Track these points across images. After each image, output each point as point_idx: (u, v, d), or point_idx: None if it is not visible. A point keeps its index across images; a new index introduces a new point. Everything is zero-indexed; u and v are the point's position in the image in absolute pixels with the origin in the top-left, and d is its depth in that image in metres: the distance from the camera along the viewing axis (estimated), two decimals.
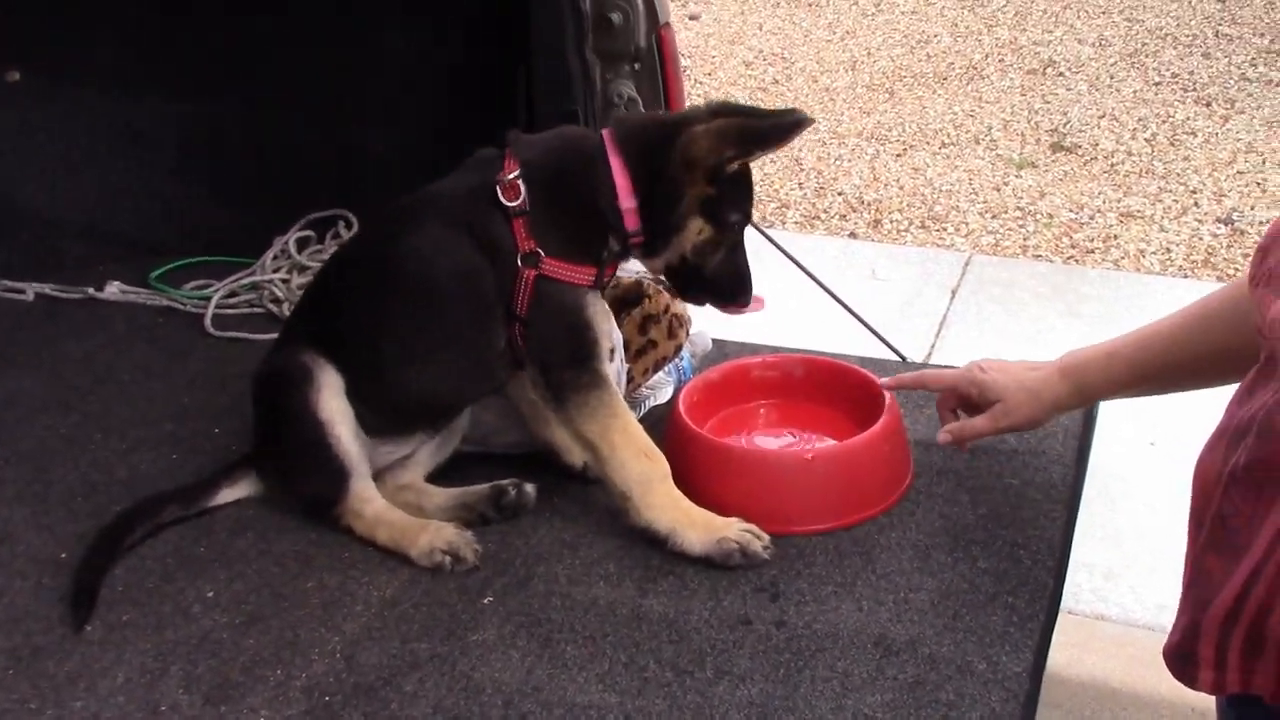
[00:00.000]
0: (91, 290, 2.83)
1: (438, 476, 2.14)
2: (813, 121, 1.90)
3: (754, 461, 1.97)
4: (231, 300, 2.77)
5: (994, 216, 5.91)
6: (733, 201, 1.92)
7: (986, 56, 7.81)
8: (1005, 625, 1.74)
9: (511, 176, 1.88)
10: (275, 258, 2.86)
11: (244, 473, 2.07)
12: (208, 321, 2.68)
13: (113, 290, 2.82)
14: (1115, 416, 2.78)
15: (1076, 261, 5.52)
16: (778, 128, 1.87)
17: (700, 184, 1.88)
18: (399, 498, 2.04)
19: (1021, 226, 5.81)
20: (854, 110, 7.12)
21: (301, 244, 2.92)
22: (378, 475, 2.05)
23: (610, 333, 1.96)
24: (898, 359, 2.50)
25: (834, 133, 6.84)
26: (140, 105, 2.95)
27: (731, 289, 2.00)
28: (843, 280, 5.27)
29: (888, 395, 2.05)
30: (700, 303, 2.05)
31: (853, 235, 5.84)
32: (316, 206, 2.96)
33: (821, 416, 2.16)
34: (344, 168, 2.92)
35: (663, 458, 1.91)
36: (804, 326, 3.24)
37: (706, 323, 2.74)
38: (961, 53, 7.90)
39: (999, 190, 6.14)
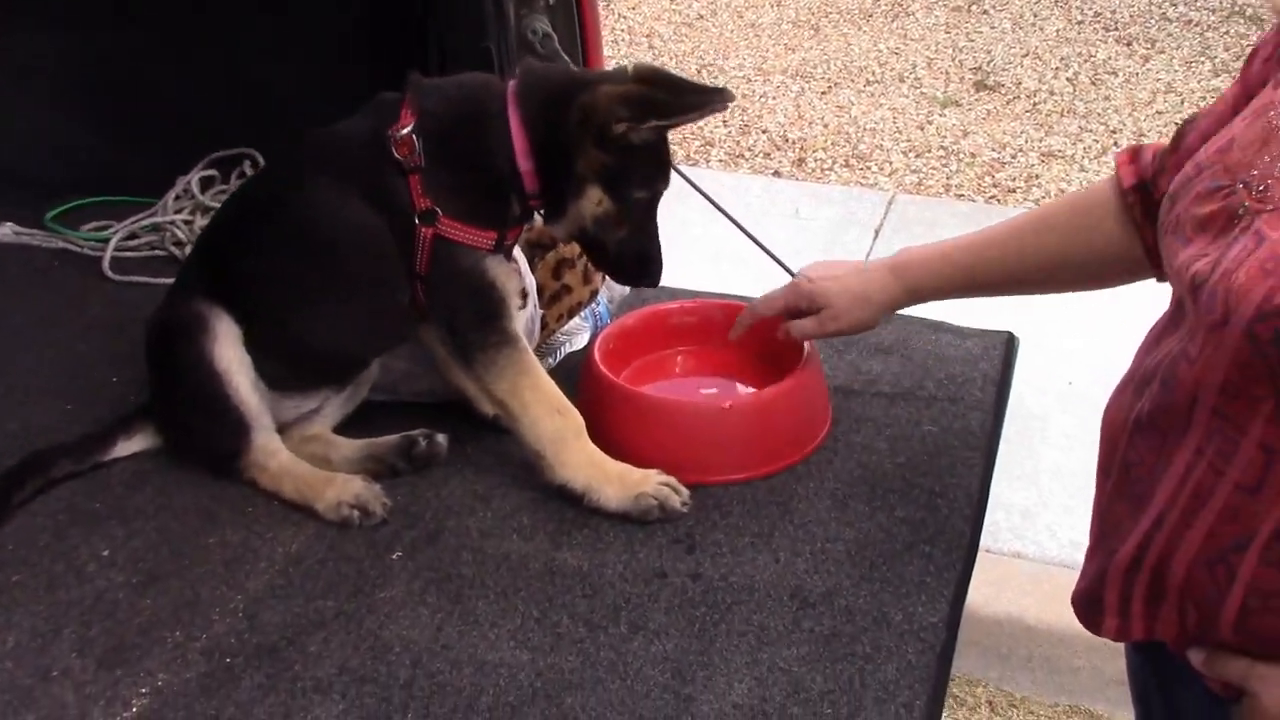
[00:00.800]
0: None
1: (346, 426, 2.08)
2: (726, 106, 1.80)
3: (670, 411, 1.93)
4: (131, 243, 2.66)
5: (918, 155, 5.90)
6: (636, 177, 1.82)
7: None
8: (922, 575, 1.72)
9: (405, 131, 1.78)
10: (178, 198, 2.74)
11: (141, 425, 1.99)
12: (106, 265, 2.57)
13: (5, 231, 2.69)
14: (1034, 357, 2.78)
15: (998, 201, 5.54)
16: (679, 104, 1.77)
17: (591, 149, 1.79)
18: (305, 449, 1.97)
19: (945, 166, 5.81)
20: (779, 47, 7.05)
21: (206, 184, 2.81)
22: (283, 427, 1.98)
23: (519, 285, 1.90)
24: None
25: (759, 69, 6.77)
26: (27, 37, 2.80)
27: (635, 268, 1.92)
28: (766, 220, 5.25)
29: (807, 342, 2.02)
30: (605, 272, 1.99)
31: (776, 174, 5.80)
32: (221, 145, 2.85)
33: (740, 363, 2.12)
34: (249, 105, 2.80)
35: (576, 413, 1.86)
36: (725, 269, 3.19)
37: None
38: None
39: (923, 129, 6.12)
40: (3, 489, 1.86)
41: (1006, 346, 2.27)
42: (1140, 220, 1.65)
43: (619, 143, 1.77)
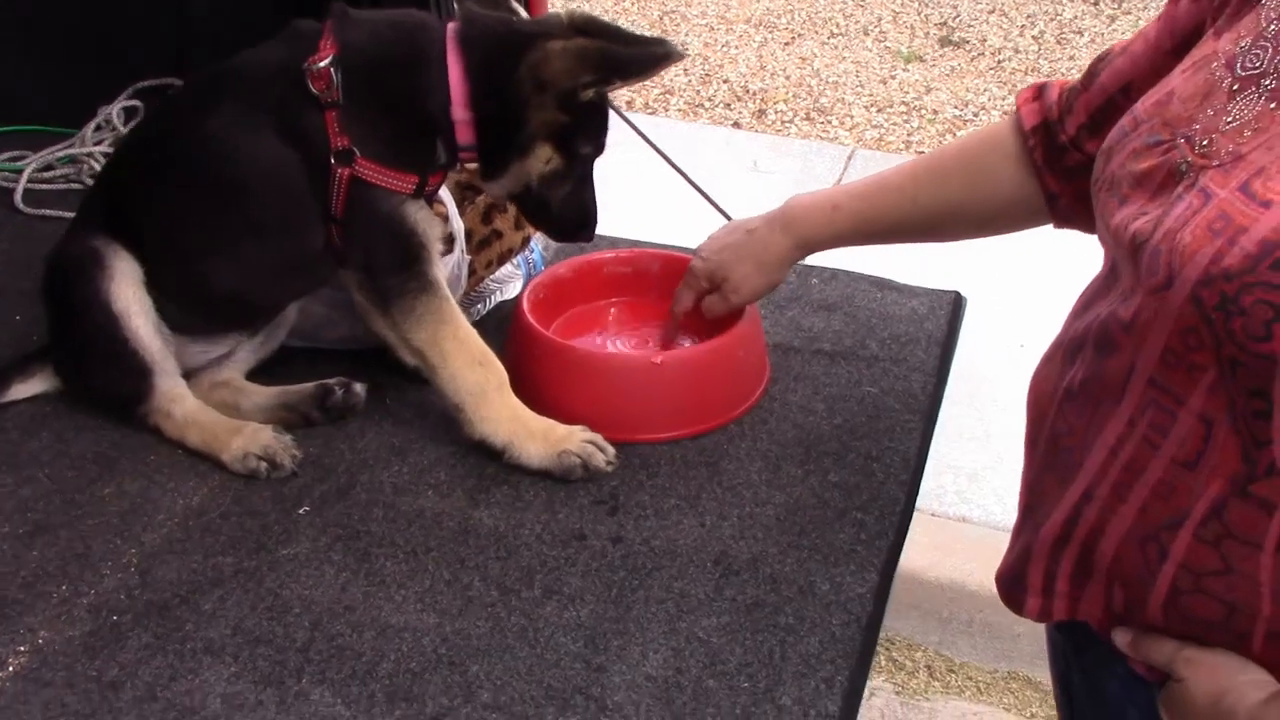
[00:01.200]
0: None
1: (260, 373, 1.97)
2: (682, 57, 1.72)
3: (598, 365, 1.84)
4: (47, 174, 2.53)
5: (879, 110, 5.81)
6: (587, 132, 1.75)
7: None
8: (852, 543, 1.65)
9: (324, 63, 1.66)
10: (97, 129, 2.61)
11: (40, 366, 1.89)
12: (18, 197, 2.44)
13: None
14: (984, 318, 2.71)
15: None
16: (642, 58, 1.68)
17: (550, 109, 1.70)
18: (214, 396, 1.87)
19: (906, 121, 5.73)
20: None
21: (128, 115, 2.68)
22: (191, 373, 1.88)
23: (442, 231, 1.79)
24: None
25: (722, 18, 6.64)
26: None
27: (575, 224, 1.85)
28: (724, 172, 5.16)
29: None
30: (542, 230, 1.91)
31: (736, 125, 5.70)
32: (146, 75, 2.71)
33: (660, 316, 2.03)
34: (174, 34, 2.67)
35: (499, 365, 1.77)
36: (669, 219, 3.09)
37: None
38: None
39: (885, 84, 6.03)
40: None
41: (953, 307, 2.20)
42: (1041, 164, 1.58)
43: (578, 102, 1.69)
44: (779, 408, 1.92)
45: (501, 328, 1.99)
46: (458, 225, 1.97)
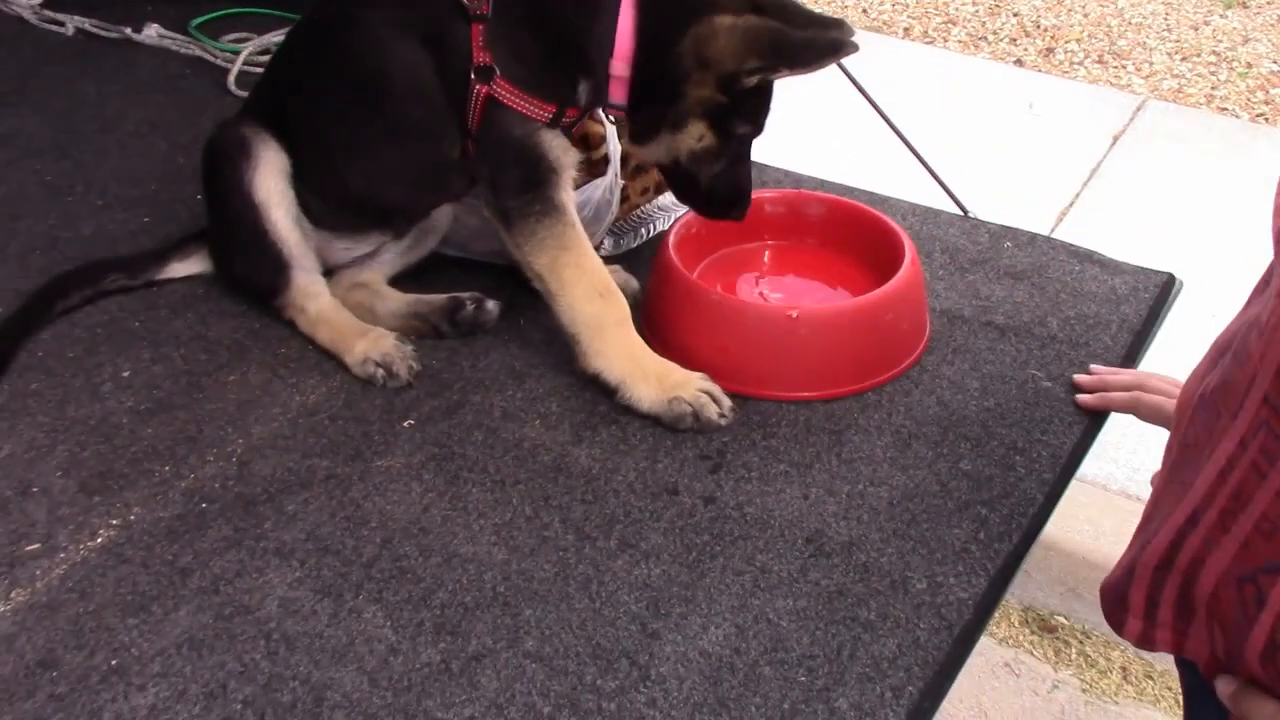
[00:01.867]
0: (129, 31, 2.69)
1: (407, 278, 1.96)
2: (855, 49, 1.56)
3: (727, 311, 1.72)
4: (263, 58, 2.58)
5: (1184, 59, 5.30)
6: (745, 113, 1.64)
7: None
8: (967, 541, 1.49)
9: None
10: None
11: (198, 247, 1.93)
12: (231, 78, 2.51)
13: (150, 33, 2.67)
14: (1198, 301, 2.43)
15: (1266, 120, 4.93)
16: (814, 47, 1.55)
17: (710, 87, 1.59)
18: (352, 296, 1.87)
19: (1213, 74, 5.21)
20: None
21: None
22: (335, 270, 1.89)
23: (577, 159, 1.70)
24: (960, 212, 2.17)
25: None
26: None
27: (725, 203, 1.74)
28: (996, 111, 4.84)
29: (909, 251, 1.77)
30: (689, 205, 1.80)
31: (1019, 62, 5.32)
32: None
33: (835, 265, 1.89)
34: None
35: (621, 300, 1.69)
36: (875, 160, 2.89)
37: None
38: None
39: (1196, 30, 5.50)
40: (47, 296, 1.84)
41: (1162, 290, 1.96)
42: None
43: (740, 86, 1.59)
44: (928, 380, 1.76)
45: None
46: (614, 147, 1.89)
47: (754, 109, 1.65)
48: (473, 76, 1.62)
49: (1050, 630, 3.00)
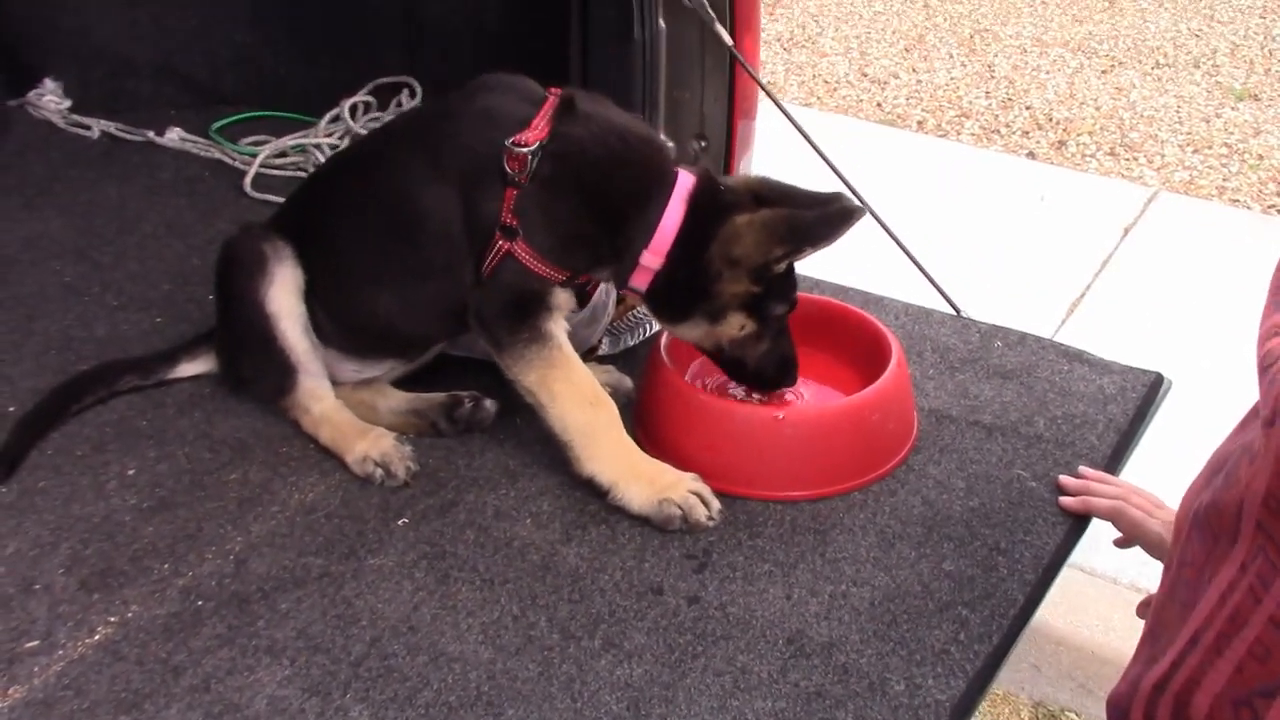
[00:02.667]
0: (152, 134, 2.78)
1: (410, 377, 2.01)
2: (862, 215, 1.64)
3: (715, 413, 1.76)
4: (279, 161, 2.68)
5: (1195, 151, 5.35)
6: (779, 294, 1.71)
7: None
8: (947, 643, 1.51)
9: (527, 150, 1.64)
10: (332, 120, 2.74)
11: (207, 348, 1.99)
12: (248, 181, 2.60)
13: (172, 137, 2.77)
14: (1189, 396, 2.43)
15: (1278, 212, 4.96)
16: (828, 224, 1.62)
17: (744, 282, 1.67)
18: (355, 394, 1.93)
19: (1224, 165, 5.25)
20: (1065, 17, 6.54)
21: (365, 109, 2.80)
22: None
23: (567, 302, 1.76)
24: (952, 311, 2.21)
25: (1037, 40, 6.30)
26: None
27: (775, 378, 1.79)
28: (1008, 202, 4.89)
29: (896, 352, 1.81)
30: (740, 383, 1.84)
31: (1031, 155, 5.38)
32: (385, 70, 2.84)
33: (825, 365, 1.93)
34: (410, 34, 2.77)
35: (610, 404, 1.73)
36: (874, 259, 2.93)
37: None
38: None
39: (1208, 122, 5.55)
40: (62, 396, 1.90)
41: (1150, 390, 1.98)
42: None
43: (772, 274, 1.66)
44: (914, 479, 1.78)
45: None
46: None
47: (786, 288, 1.72)
48: (498, 231, 1.68)
49: None
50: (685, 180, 1.68)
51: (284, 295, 1.82)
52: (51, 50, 2.90)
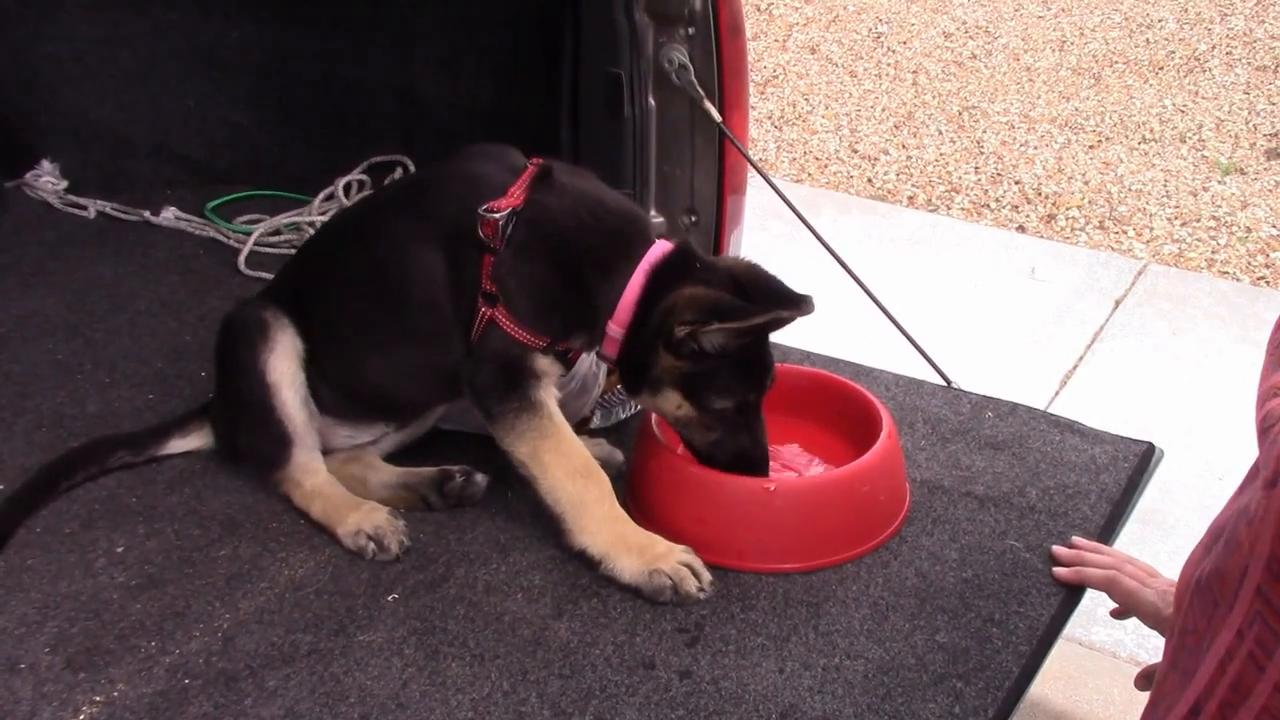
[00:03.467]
0: (148, 214, 2.80)
1: (401, 451, 2.01)
2: (788, 321, 1.65)
3: (706, 485, 1.76)
4: (273, 239, 2.70)
5: (1184, 224, 5.40)
6: (718, 384, 1.68)
7: (1214, 48, 7.14)
8: (941, 716, 1.50)
9: (497, 215, 1.67)
10: (326, 199, 2.76)
11: (198, 424, 1.99)
12: (242, 259, 2.61)
13: (167, 215, 2.79)
14: (1182, 453, 2.43)
15: (1267, 283, 4.99)
16: (743, 310, 1.62)
17: (663, 351, 1.67)
18: (346, 468, 1.92)
19: (1213, 238, 5.29)
20: (1052, 94, 6.62)
21: (359, 187, 2.82)
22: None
23: (556, 372, 1.77)
24: (943, 383, 2.22)
25: (1025, 116, 6.38)
26: (219, 30, 2.89)
27: (733, 468, 1.75)
28: (997, 276, 4.92)
29: (886, 424, 1.81)
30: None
31: (1021, 229, 5.43)
32: (380, 149, 2.86)
33: (816, 437, 1.93)
34: (405, 113, 2.81)
35: (602, 477, 1.73)
36: (865, 331, 2.94)
37: None
38: (1186, 41, 7.24)
39: (1195, 196, 5.60)
40: (52, 474, 1.90)
41: (1142, 459, 1.98)
42: None
43: (689, 348, 1.65)
44: (906, 551, 1.78)
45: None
46: None
47: (729, 383, 1.68)
48: (480, 299, 1.70)
49: None
50: (655, 252, 1.70)
51: (285, 363, 1.83)
52: (48, 131, 2.93)
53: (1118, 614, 1.67)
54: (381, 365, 1.85)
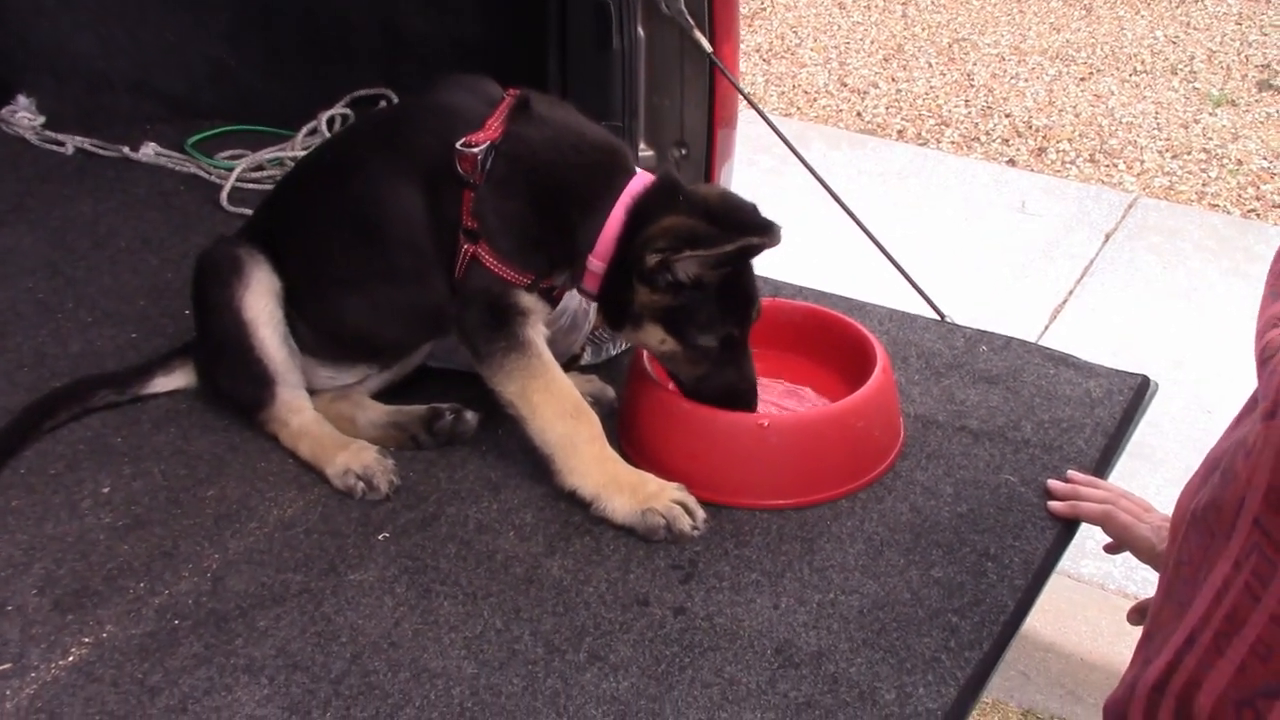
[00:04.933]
0: (127, 150, 2.75)
1: (390, 389, 1.99)
2: (766, 246, 1.60)
3: (700, 421, 1.74)
4: (256, 174, 2.65)
5: (1174, 157, 5.36)
6: (700, 319, 1.65)
7: None
8: (937, 650, 1.49)
9: (475, 150, 1.64)
10: (309, 133, 2.72)
11: (182, 362, 1.96)
12: (224, 194, 2.57)
13: (147, 152, 2.74)
14: (1176, 387, 2.42)
15: (1258, 216, 4.97)
16: (714, 237, 1.58)
17: (638, 284, 1.64)
18: (334, 407, 1.90)
19: (1203, 170, 5.26)
20: (1044, 25, 6.56)
21: (343, 121, 2.77)
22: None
23: (543, 310, 1.74)
24: (937, 317, 2.20)
25: (1015, 49, 6.32)
26: None
27: (721, 404, 1.73)
28: (989, 211, 4.89)
29: (880, 358, 1.79)
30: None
31: (1011, 162, 5.39)
32: (363, 83, 2.81)
33: (811, 372, 1.91)
34: (389, 46, 2.75)
35: (592, 416, 1.71)
36: (859, 266, 2.92)
37: None
38: None
39: (1186, 128, 5.57)
40: (34, 414, 1.87)
41: (1136, 393, 1.97)
42: None
43: (664, 279, 1.61)
44: (901, 486, 1.77)
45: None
46: None
47: (711, 317, 1.65)
48: (461, 235, 1.66)
49: None
50: (636, 184, 1.66)
51: (261, 301, 1.80)
52: (25, 67, 2.87)
53: (1111, 548, 1.67)
54: (361, 305, 1.81)
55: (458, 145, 1.64)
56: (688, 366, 1.70)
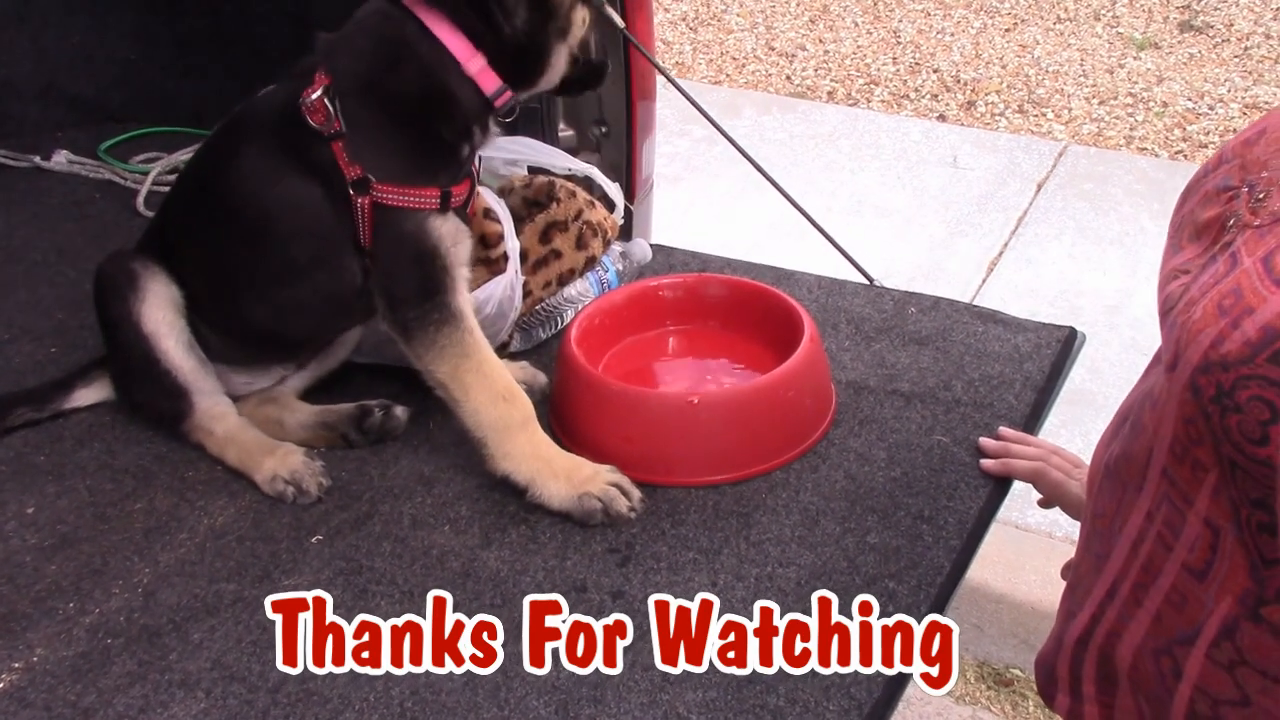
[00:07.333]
0: (38, 159, 2.69)
1: (317, 388, 1.96)
2: None
3: (631, 401, 1.73)
4: (172, 177, 2.57)
5: (1101, 103, 5.40)
6: None
7: None
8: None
9: (315, 96, 1.60)
10: None
11: (102, 374, 1.93)
12: (140, 199, 2.52)
13: (60, 160, 2.68)
14: (1113, 331, 2.44)
15: (1185, 157, 5.02)
16: None
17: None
18: (260, 411, 1.87)
19: (1130, 115, 5.31)
20: None
21: None
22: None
23: (468, 253, 1.71)
24: (865, 280, 2.20)
25: (940, 3, 6.33)
26: None
27: (601, 62, 1.80)
28: (921, 167, 4.91)
29: (808, 327, 1.78)
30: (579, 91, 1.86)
31: (941, 118, 5.41)
32: (277, 76, 2.73)
33: (738, 345, 1.90)
34: (301, 38, 2.69)
35: (525, 400, 1.69)
36: (786, 233, 2.92)
37: (657, 230, 2.50)
38: None
39: (1112, 73, 5.61)
40: None
41: (1064, 345, 1.97)
42: None
43: None
44: (835, 454, 1.77)
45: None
46: (513, 245, 1.90)
47: None
48: (351, 192, 1.63)
49: (1006, 684, 2.98)
50: (413, 3, 1.62)
51: (159, 313, 1.76)
52: None
53: (1044, 504, 1.68)
54: (265, 307, 1.77)
55: (300, 100, 1.61)
56: (590, 36, 1.76)
